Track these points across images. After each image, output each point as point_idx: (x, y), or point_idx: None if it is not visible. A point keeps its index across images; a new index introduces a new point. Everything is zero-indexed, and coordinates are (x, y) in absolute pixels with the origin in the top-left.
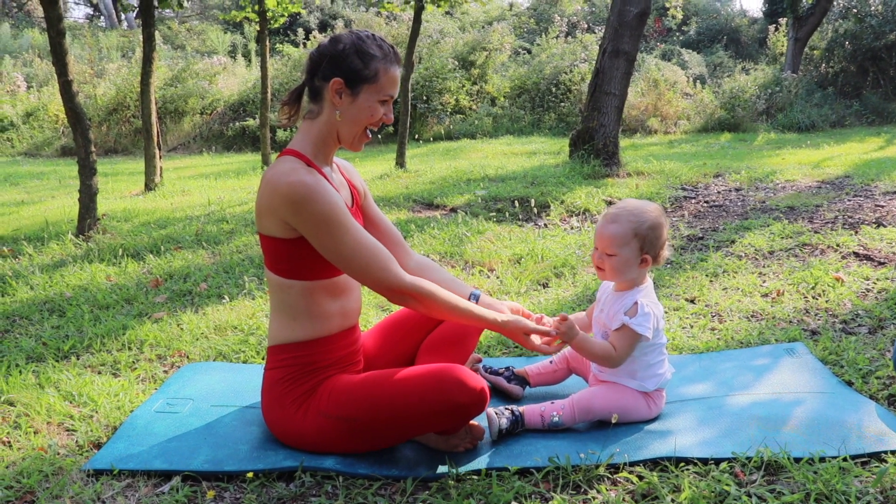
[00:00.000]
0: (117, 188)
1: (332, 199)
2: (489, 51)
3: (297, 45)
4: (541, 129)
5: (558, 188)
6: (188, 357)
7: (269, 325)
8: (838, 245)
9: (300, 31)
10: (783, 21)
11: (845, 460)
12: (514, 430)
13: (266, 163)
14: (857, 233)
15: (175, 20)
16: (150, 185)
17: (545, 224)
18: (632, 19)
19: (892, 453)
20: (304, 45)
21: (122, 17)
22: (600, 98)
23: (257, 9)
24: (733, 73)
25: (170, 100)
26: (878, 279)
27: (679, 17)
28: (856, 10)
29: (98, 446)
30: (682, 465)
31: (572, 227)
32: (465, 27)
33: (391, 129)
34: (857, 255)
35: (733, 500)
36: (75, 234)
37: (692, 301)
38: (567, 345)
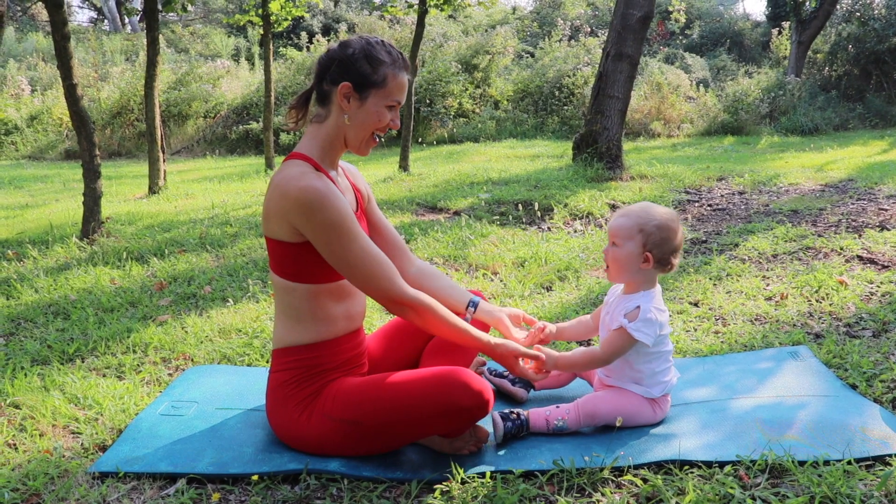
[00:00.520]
0: (121, 191)
1: (341, 205)
2: (492, 54)
3: (300, 48)
4: (544, 132)
5: (561, 191)
6: (193, 360)
7: (274, 327)
8: (842, 248)
9: (303, 34)
10: (786, 24)
11: (850, 464)
12: (518, 433)
13: (270, 166)
14: (860, 236)
15: (179, 24)
16: (153, 189)
17: (548, 227)
18: (635, 23)
19: None
20: (308, 48)
21: (126, 20)
22: (603, 101)
23: (261, 12)
24: (736, 77)
25: (173, 103)
26: (881, 282)
27: (682, 20)
28: (859, 14)
29: (103, 449)
30: (687, 468)
31: (576, 231)
32: (469, 31)
33: (394, 132)
34: (860, 258)
35: None
36: (79, 238)
37: (696, 304)
38: (548, 373)
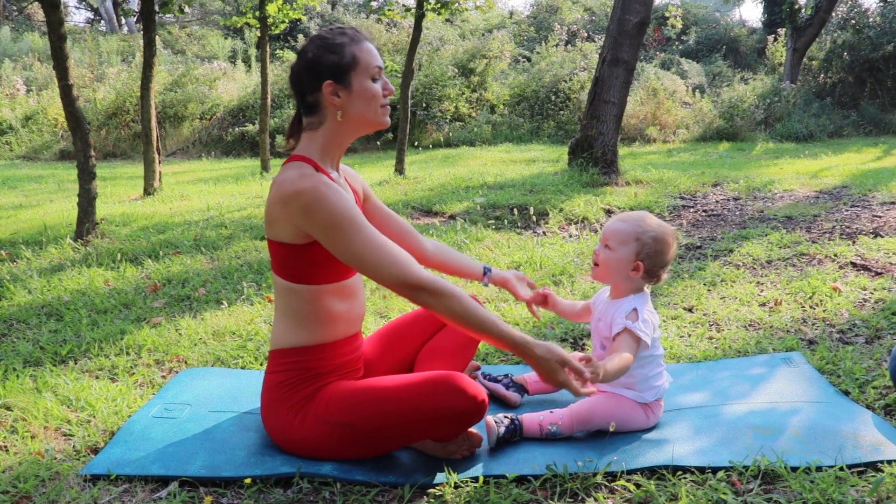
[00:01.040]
0: (116, 192)
1: (342, 199)
2: (489, 58)
3: (297, 51)
4: (540, 136)
5: (557, 196)
6: (186, 362)
7: (273, 328)
8: (836, 255)
9: (300, 37)
10: (782, 31)
11: (842, 470)
12: (512, 438)
13: (266, 168)
14: (854, 243)
15: (175, 25)
16: (149, 190)
17: (543, 232)
18: (631, 28)
19: (889, 463)
20: None
21: (123, 21)
22: (599, 106)
23: (258, 14)
24: (732, 83)
25: (169, 104)
26: (875, 289)
27: (678, 26)
28: (854, 22)
29: (95, 451)
30: (679, 473)
31: (571, 235)
32: (465, 35)
33: (390, 135)
34: (854, 265)
35: None
36: (74, 238)
37: (690, 310)
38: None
